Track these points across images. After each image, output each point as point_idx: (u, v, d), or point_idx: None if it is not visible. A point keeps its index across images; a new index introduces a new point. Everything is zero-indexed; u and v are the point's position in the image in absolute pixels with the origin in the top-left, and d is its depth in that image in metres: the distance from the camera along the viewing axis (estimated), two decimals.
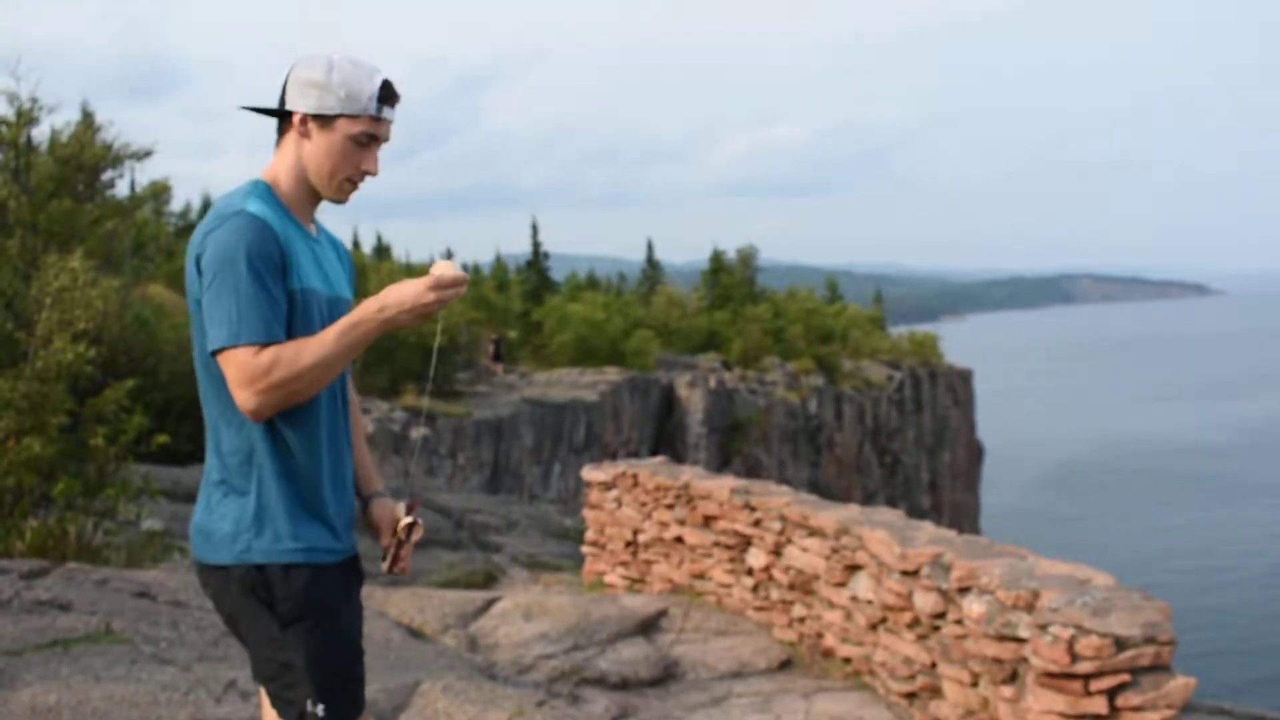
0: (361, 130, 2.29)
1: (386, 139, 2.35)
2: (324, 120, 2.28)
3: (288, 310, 2.24)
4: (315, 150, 2.30)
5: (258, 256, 2.18)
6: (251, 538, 2.27)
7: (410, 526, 2.47)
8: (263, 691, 2.43)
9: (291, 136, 2.32)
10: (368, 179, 2.37)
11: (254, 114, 2.39)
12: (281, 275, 2.23)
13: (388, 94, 2.30)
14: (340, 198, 2.36)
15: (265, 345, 2.17)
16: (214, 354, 2.20)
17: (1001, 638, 4.94)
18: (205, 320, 2.20)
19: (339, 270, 2.46)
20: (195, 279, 2.24)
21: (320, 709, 2.29)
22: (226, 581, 2.30)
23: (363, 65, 2.28)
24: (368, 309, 2.18)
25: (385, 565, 2.56)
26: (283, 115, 2.34)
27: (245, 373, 2.15)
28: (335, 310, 2.38)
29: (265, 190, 2.32)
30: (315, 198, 2.38)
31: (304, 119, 2.29)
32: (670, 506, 8.17)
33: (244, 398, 2.17)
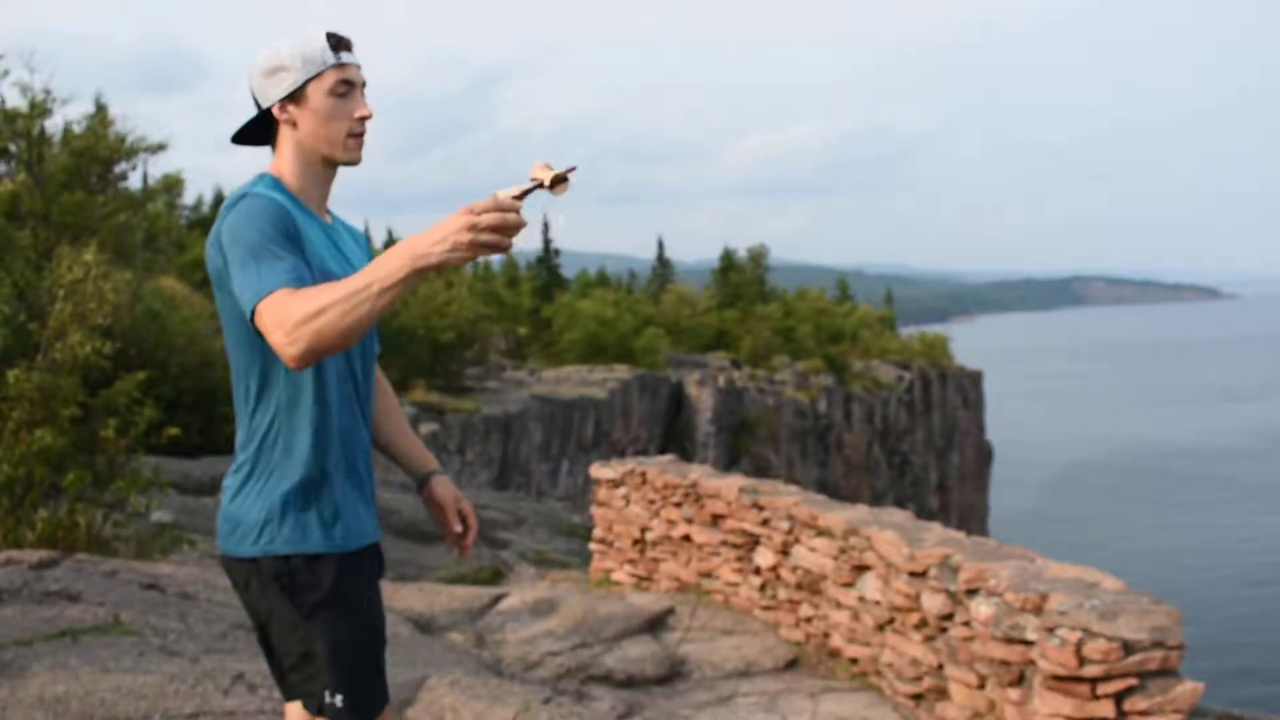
0: (334, 81, 2.27)
1: (363, 81, 2.33)
2: (298, 95, 2.28)
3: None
4: (307, 126, 2.29)
5: (271, 227, 2.16)
6: (276, 528, 2.26)
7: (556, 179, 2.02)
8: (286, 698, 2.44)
9: (282, 131, 2.32)
10: (368, 124, 2.33)
11: (244, 139, 2.41)
12: (296, 244, 2.20)
13: (336, 41, 2.29)
14: (352, 156, 2.33)
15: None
16: (252, 320, 2.09)
17: (1009, 640, 4.93)
18: (238, 295, 2.14)
19: (360, 256, 2.45)
20: (220, 265, 2.21)
21: (339, 699, 2.27)
22: (253, 574, 2.30)
23: (301, 32, 2.29)
24: (401, 243, 2.01)
25: (450, 544, 2.57)
26: (264, 124, 2.34)
27: (275, 315, 2.03)
28: None
29: (272, 181, 2.32)
30: (325, 183, 2.38)
31: (283, 107, 2.29)
32: (678, 505, 8.17)
33: (279, 342, 2.02)
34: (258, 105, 2.32)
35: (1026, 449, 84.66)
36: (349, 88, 2.29)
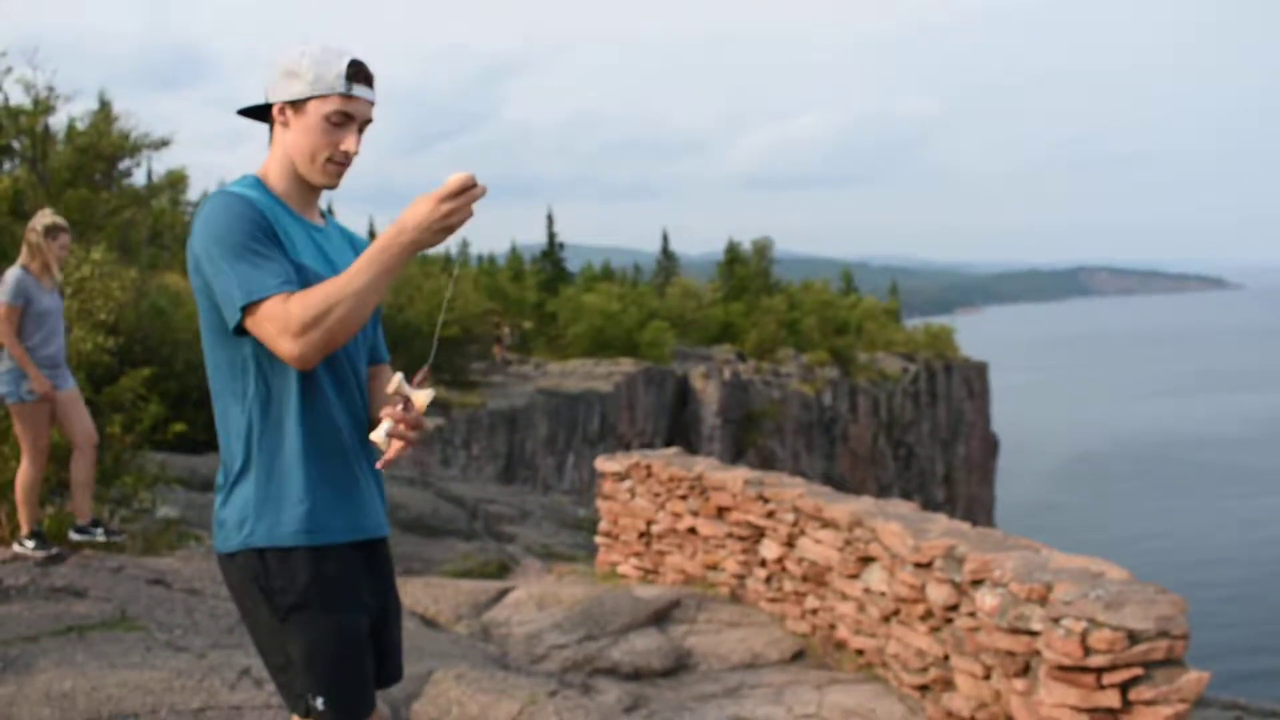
0: (333, 109, 2.28)
1: (366, 118, 2.34)
2: (298, 105, 2.30)
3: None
4: (294, 135, 2.32)
5: (249, 223, 2.19)
6: (254, 522, 2.26)
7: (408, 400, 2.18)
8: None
9: (275, 130, 2.36)
10: (353, 161, 2.35)
11: (250, 114, 2.43)
12: (276, 243, 2.23)
13: (357, 72, 2.30)
14: (327, 181, 2.36)
15: (288, 296, 2.14)
16: (238, 326, 2.16)
17: (1014, 631, 4.93)
18: (218, 298, 2.19)
19: (350, 258, 2.44)
20: (195, 265, 2.24)
21: (319, 702, 2.26)
22: (232, 570, 2.31)
23: (331, 48, 2.30)
24: (388, 235, 2.12)
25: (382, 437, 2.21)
26: (268, 111, 2.37)
27: (279, 322, 2.11)
28: None
29: (254, 181, 2.35)
30: (308, 188, 2.39)
31: (282, 109, 2.32)
32: (684, 498, 8.17)
33: (287, 347, 2.12)
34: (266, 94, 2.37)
35: (1032, 440, 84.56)
36: (346, 119, 2.31)
